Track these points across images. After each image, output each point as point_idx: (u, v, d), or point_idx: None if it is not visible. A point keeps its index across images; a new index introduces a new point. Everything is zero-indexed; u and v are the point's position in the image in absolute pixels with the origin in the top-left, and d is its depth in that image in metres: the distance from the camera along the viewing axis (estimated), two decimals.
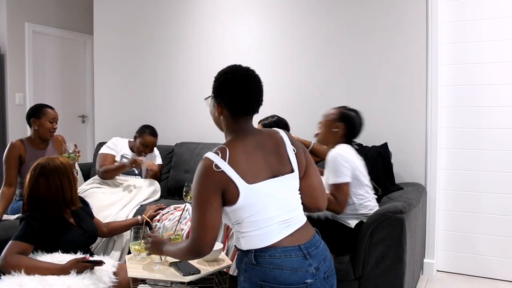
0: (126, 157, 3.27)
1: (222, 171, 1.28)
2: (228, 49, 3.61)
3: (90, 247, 2.27)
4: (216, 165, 1.28)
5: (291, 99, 3.36)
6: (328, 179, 2.21)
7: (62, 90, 5.16)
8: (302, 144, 1.51)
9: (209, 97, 1.47)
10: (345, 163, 2.17)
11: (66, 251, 1.98)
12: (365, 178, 2.29)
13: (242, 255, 1.37)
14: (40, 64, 4.88)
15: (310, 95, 3.25)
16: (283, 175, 1.37)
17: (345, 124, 2.30)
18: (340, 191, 2.17)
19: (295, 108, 3.31)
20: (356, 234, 2.19)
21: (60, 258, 1.93)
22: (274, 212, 1.33)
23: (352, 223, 2.26)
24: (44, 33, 4.88)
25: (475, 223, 2.95)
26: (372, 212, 2.27)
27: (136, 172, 3.27)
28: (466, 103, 2.94)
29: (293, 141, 1.44)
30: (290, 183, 1.40)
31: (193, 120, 3.77)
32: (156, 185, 3.26)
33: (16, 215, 2.67)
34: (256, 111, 1.42)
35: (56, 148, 2.98)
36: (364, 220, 2.23)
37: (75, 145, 2.79)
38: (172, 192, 3.40)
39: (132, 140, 3.41)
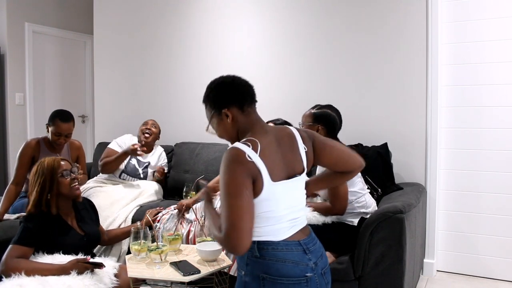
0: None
1: (254, 162, 1.25)
2: (228, 50, 3.60)
3: None
4: (248, 155, 1.26)
5: (291, 99, 3.36)
6: None
7: (62, 90, 5.16)
8: (310, 131, 1.51)
9: (208, 124, 1.46)
10: None
11: (66, 253, 1.99)
12: (356, 176, 2.30)
13: None
14: (40, 64, 4.87)
15: (310, 95, 3.24)
16: (298, 174, 1.38)
17: (322, 124, 2.31)
18: (337, 193, 2.20)
19: (295, 108, 3.30)
20: (359, 231, 2.20)
21: (60, 259, 1.93)
22: (286, 211, 1.34)
23: (355, 221, 2.28)
24: (44, 33, 4.88)
25: (475, 223, 2.95)
26: (369, 209, 2.31)
27: (141, 175, 3.26)
28: (466, 103, 2.94)
29: (303, 137, 1.44)
30: (301, 183, 1.41)
31: (193, 120, 3.77)
32: (159, 189, 3.26)
33: (16, 215, 2.67)
34: (255, 98, 1.44)
35: (70, 154, 2.92)
36: (365, 217, 2.24)
37: (78, 167, 2.43)
38: (172, 192, 3.39)
39: (138, 135, 3.41)
